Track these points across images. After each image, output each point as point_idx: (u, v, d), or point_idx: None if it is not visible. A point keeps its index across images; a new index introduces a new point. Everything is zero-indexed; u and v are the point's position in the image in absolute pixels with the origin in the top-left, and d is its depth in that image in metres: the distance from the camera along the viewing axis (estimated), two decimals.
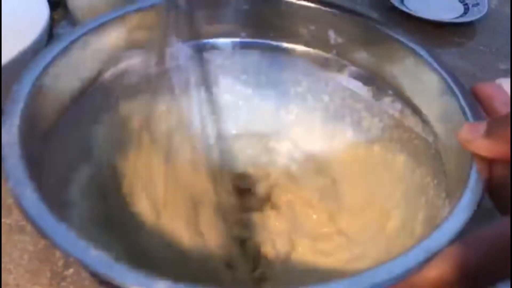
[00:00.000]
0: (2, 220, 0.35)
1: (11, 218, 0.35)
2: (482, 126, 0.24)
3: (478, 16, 0.55)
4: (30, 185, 0.21)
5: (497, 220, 0.21)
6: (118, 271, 0.19)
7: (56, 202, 0.25)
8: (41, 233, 0.20)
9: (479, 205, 0.22)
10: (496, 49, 0.53)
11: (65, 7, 0.48)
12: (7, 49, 0.35)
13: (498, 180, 0.23)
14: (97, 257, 0.19)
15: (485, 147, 0.23)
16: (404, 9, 0.56)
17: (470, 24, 0.56)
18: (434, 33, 0.55)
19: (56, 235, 0.20)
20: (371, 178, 0.34)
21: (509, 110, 0.26)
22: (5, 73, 0.34)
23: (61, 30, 0.52)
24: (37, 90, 0.26)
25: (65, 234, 0.20)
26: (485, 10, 0.56)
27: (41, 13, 0.39)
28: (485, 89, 0.27)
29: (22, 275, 0.32)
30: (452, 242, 0.20)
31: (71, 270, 0.32)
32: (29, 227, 0.35)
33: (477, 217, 0.22)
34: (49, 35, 0.41)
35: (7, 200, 0.36)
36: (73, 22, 0.50)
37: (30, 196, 0.21)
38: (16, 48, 0.35)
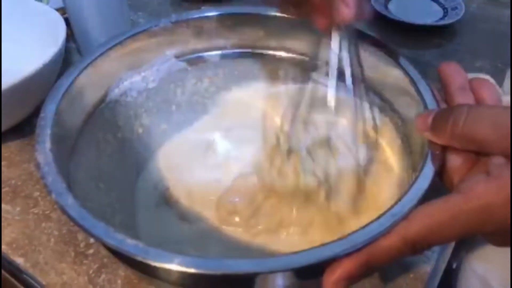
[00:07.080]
0: (31, 210, 0.40)
1: (39, 208, 0.40)
2: (430, 119, 0.28)
3: (456, 18, 0.60)
4: (70, 195, 0.26)
5: (437, 199, 0.24)
6: (153, 255, 0.23)
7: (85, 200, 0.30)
8: (87, 232, 0.25)
9: (431, 186, 0.26)
10: (473, 49, 0.58)
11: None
12: (35, 61, 0.40)
13: (448, 162, 0.27)
14: (133, 245, 0.24)
15: (432, 138, 0.28)
16: (387, 14, 0.61)
17: (450, 26, 0.60)
18: (416, 36, 0.60)
19: (98, 232, 0.25)
20: None
21: (463, 95, 0.29)
22: (34, 81, 0.40)
23: (73, 44, 0.57)
24: (58, 116, 0.31)
25: (105, 230, 0.25)
26: (462, 13, 0.60)
27: (60, 30, 0.44)
28: (446, 69, 0.30)
29: (50, 256, 0.37)
30: (411, 209, 0.24)
31: (91, 250, 0.37)
32: (54, 216, 0.40)
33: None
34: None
35: (34, 193, 0.42)
36: None
37: (72, 204, 0.26)
38: (41, 61, 0.41)
